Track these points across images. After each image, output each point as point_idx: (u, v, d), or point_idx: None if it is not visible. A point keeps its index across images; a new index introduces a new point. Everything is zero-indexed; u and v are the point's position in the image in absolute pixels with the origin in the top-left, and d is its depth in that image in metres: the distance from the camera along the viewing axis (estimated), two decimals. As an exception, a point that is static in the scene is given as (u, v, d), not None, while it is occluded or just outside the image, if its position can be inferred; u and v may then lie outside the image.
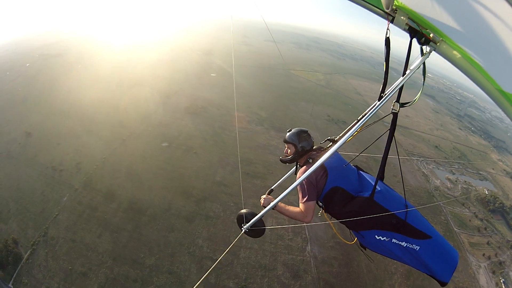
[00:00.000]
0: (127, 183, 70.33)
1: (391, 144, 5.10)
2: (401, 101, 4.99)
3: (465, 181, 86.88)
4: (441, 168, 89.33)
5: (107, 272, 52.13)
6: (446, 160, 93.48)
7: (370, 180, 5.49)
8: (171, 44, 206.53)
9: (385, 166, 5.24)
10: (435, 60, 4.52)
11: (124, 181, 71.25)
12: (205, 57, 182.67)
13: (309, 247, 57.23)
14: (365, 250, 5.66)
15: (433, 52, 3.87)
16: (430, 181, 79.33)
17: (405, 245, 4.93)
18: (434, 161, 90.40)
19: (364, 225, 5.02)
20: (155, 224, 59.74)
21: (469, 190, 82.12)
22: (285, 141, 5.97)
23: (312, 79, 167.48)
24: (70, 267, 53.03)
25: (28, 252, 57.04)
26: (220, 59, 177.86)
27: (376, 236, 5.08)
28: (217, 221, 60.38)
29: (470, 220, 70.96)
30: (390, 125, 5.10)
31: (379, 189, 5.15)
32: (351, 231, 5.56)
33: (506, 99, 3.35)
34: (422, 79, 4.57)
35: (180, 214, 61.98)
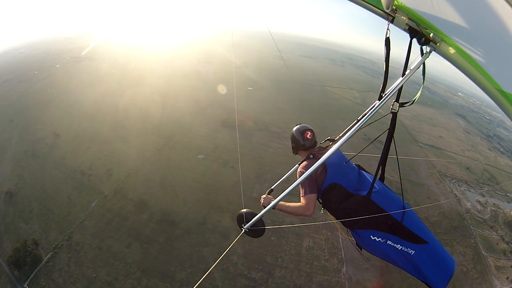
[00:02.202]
0: (161, 194, 70.45)
1: (390, 144, 5.37)
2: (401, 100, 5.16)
3: (494, 204, 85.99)
4: (472, 190, 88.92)
5: (134, 284, 51.90)
6: (477, 182, 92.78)
7: (370, 180, 5.53)
8: (207, 56, 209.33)
9: (385, 166, 5.47)
10: (465, 79, 4.07)
11: (157, 191, 71.41)
12: (240, 70, 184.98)
13: (344, 268, 56.64)
14: (361, 250, 5.81)
15: (440, 56, 3.99)
16: (461, 204, 78.80)
17: (400, 248, 5.01)
18: (466, 183, 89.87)
19: (360, 223, 5.14)
20: (188, 237, 59.45)
21: (497, 213, 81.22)
22: (291, 136, 6.29)
23: (348, 96, 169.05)
24: (94, 275, 53.03)
25: (49, 255, 57.38)
26: (256, 72, 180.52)
27: (371, 236, 5.19)
28: (253, 238, 59.00)
29: (497, 243, 70.03)
30: (389, 124, 5.30)
31: (377, 188, 5.27)
32: (348, 229, 5.71)
33: (506, 99, 3.48)
34: (422, 79, 4.69)
35: (215, 229, 61.78)
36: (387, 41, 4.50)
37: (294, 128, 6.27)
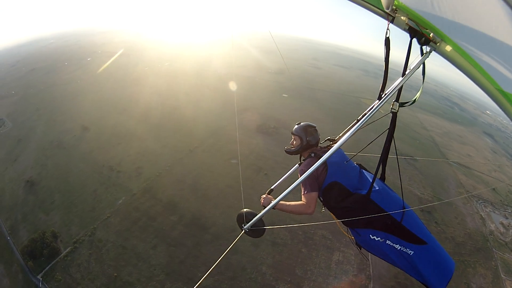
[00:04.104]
0: (191, 197, 70.48)
1: (391, 144, 5.43)
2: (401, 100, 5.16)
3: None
4: (497, 212, 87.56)
5: (157, 286, 51.61)
6: (501, 204, 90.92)
7: (371, 179, 5.48)
8: (242, 59, 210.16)
9: (385, 166, 5.56)
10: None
11: (188, 194, 71.49)
12: (276, 76, 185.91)
13: (371, 285, 55.58)
14: (360, 249, 5.82)
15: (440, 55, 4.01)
16: (486, 225, 77.92)
17: (398, 248, 5.09)
18: (491, 204, 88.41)
19: (359, 222, 5.21)
20: (217, 243, 58.90)
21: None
22: (292, 133, 6.35)
23: (381, 109, 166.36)
24: (115, 274, 53.00)
25: (68, 249, 57.89)
26: (291, 80, 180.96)
27: (370, 235, 5.28)
28: (284, 249, 59.38)
29: (517, 267, 70.90)
30: (389, 124, 5.36)
31: (377, 188, 5.32)
32: (348, 228, 5.80)
33: (506, 99, 3.49)
34: (422, 79, 4.69)
35: (246, 237, 59.48)
36: (387, 41, 4.56)
37: (298, 126, 6.37)
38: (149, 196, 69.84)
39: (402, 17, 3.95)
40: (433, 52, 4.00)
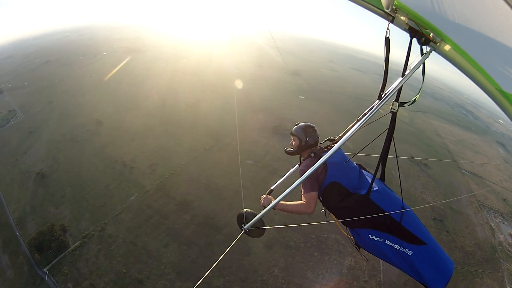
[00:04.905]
0: (206, 196, 70.32)
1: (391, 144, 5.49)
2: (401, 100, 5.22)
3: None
4: (506, 223, 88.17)
5: (167, 285, 51.46)
6: (511, 215, 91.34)
7: (370, 180, 5.50)
8: (258, 59, 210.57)
9: (385, 166, 5.62)
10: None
11: (202, 193, 71.37)
12: (292, 78, 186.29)
13: None
14: (360, 249, 5.83)
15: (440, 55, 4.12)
16: (495, 236, 78.32)
17: (398, 248, 5.13)
18: (501, 214, 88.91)
19: (359, 222, 5.23)
20: (230, 244, 57.51)
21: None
22: (292, 134, 6.39)
23: (397, 115, 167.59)
24: (124, 271, 52.93)
25: (77, 243, 58.07)
26: (308, 82, 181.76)
27: (369, 235, 5.30)
28: (297, 252, 59.31)
29: (523, 279, 71.84)
30: (389, 124, 5.38)
31: (377, 188, 5.37)
32: (347, 228, 5.81)
33: (506, 99, 3.58)
34: (422, 79, 4.78)
35: (259, 239, 59.58)
36: (387, 41, 4.66)
37: (297, 126, 6.41)
38: (162, 194, 69.69)
39: (402, 17, 4.05)
40: (437, 54, 4.08)
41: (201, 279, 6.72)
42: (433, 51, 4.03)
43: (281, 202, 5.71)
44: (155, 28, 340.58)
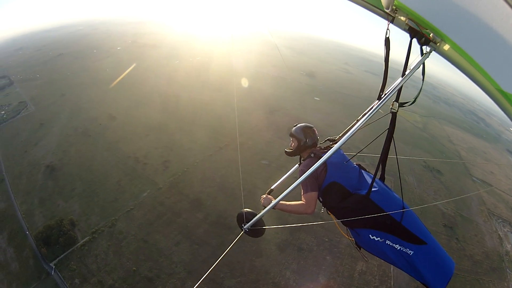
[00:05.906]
0: (219, 195, 70.23)
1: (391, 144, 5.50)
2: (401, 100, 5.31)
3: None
4: None
5: (177, 284, 51.30)
6: None
7: (370, 180, 5.52)
8: (273, 58, 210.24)
9: (385, 166, 5.67)
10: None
11: (215, 191, 71.29)
12: (308, 79, 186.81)
13: None
14: (360, 249, 5.89)
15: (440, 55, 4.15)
16: (503, 245, 77.79)
17: (398, 248, 5.18)
18: (510, 224, 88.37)
19: (359, 222, 5.28)
20: (243, 245, 58.24)
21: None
22: (291, 135, 6.51)
23: (410, 119, 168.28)
24: (134, 268, 52.87)
25: (86, 239, 58.09)
26: (323, 83, 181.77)
27: (370, 235, 5.36)
28: (309, 255, 59.25)
29: (527, 289, 72.23)
30: (389, 124, 5.43)
31: (377, 188, 5.41)
32: (347, 228, 5.88)
33: (506, 99, 3.61)
34: (422, 79, 4.81)
35: (272, 240, 61.02)
36: (387, 41, 4.73)
37: (296, 127, 6.48)
38: (175, 191, 69.69)
39: (402, 17, 4.04)
40: (437, 54, 4.09)
41: (201, 279, 7.66)
42: (433, 51, 4.07)
43: (281, 202, 5.86)
44: (170, 24, 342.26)
